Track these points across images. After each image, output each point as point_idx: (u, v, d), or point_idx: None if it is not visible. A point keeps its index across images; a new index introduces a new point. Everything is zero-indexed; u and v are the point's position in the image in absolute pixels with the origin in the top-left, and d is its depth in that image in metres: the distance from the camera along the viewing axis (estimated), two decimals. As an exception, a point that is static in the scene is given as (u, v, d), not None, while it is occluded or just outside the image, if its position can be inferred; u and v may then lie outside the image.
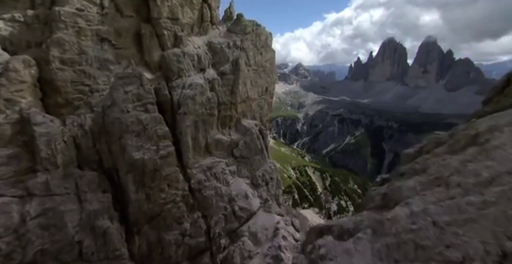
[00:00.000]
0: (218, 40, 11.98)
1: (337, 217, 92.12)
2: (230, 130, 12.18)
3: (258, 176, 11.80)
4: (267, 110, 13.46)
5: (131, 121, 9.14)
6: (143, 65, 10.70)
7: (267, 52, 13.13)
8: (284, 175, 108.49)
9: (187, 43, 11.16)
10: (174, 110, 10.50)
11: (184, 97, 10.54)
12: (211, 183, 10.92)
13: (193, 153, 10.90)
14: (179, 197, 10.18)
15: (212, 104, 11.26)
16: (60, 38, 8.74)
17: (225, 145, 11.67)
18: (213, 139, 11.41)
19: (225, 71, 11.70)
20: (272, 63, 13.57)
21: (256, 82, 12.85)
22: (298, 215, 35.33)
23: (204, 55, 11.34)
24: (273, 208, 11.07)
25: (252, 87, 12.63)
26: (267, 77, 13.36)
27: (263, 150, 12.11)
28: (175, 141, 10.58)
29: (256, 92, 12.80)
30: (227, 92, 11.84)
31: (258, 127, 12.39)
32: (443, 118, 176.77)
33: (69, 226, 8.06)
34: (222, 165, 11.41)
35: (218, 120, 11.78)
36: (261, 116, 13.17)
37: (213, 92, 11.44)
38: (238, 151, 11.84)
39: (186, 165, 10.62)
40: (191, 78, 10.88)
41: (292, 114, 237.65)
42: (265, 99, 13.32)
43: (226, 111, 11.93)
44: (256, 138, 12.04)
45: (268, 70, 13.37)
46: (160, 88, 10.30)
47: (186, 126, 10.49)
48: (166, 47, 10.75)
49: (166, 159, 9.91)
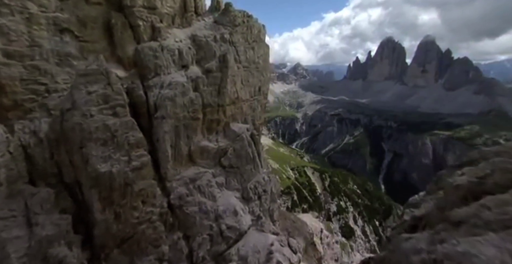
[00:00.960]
0: (203, 32, 10.49)
1: (336, 218, 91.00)
2: (217, 136, 10.69)
3: (250, 188, 10.32)
4: (261, 112, 11.99)
5: (95, 127, 7.63)
6: (115, 61, 9.22)
7: (259, 47, 11.65)
8: (283, 175, 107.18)
9: (167, 36, 9.69)
10: (151, 114, 9.02)
11: (162, 98, 9.04)
12: (195, 198, 9.42)
13: (173, 163, 9.40)
14: (155, 215, 8.69)
15: (195, 106, 9.76)
16: (3, 26, 7.21)
17: (211, 153, 10.17)
18: (197, 147, 9.91)
19: (211, 68, 10.21)
20: (266, 60, 12.10)
21: (247, 81, 11.37)
22: (297, 220, 33.84)
23: (186, 50, 9.86)
24: (267, 226, 9.62)
25: (242, 86, 11.15)
26: (260, 75, 11.89)
27: (256, 158, 10.62)
28: (151, 150, 9.10)
29: (247, 92, 11.32)
30: (213, 93, 10.35)
31: (250, 132, 10.90)
32: (442, 118, 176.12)
33: (13, 257, 6.54)
34: (207, 176, 9.92)
35: (203, 124, 10.29)
36: (253, 119, 11.69)
37: (197, 92, 9.94)
38: (226, 160, 10.34)
39: (165, 177, 9.13)
40: (171, 76, 9.39)
41: (290, 114, 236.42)
42: (258, 100, 11.84)
43: (213, 114, 10.44)
44: (248, 145, 10.55)
45: (261, 68, 11.90)
46: (133, 87, 8.81)
47: (165, 132, 8.99)
48: (142, 40, 9.27)
49: (140, 171, 8.41)
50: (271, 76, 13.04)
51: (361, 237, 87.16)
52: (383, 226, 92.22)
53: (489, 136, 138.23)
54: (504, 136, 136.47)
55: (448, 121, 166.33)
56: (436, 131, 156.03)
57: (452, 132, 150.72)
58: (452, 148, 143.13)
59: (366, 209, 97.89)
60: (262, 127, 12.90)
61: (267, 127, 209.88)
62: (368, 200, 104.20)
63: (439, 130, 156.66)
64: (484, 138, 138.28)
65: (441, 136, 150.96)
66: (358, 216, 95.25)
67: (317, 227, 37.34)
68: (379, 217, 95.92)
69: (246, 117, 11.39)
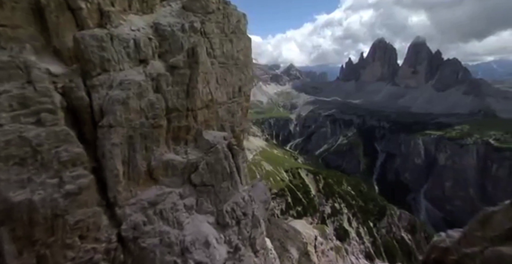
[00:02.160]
0: (168, 20, 8.56)
1: (331, 220, 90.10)
2: (186, 147, 8.72)
3: (226, 211, 8.40)
4: (242, 117, 10.10)
5: (5, 141, 5.60)
6: (51, 54, 7.22)
7: (239, 40, 9.79)
8: (277, 177, 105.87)
9: (120, 23, 7.75)
10: (96, 121, 7.05)
11: (110, 101, 7.05)
12: (155, 227, 7.44)
13: (126, 183, 7.40)
14: (100, 253, 6.67)
15: (156, 110, 7.79)
16: None
17: (178, 168, 8.21)
18: (160, 161, 7.93)
19: (178, 64, 8.26)
20: (247, 55, 10.24)
21: (224, 79, 9.47)
22: (290, 229, 32.00)
23: (145, 41, 7.91)
24: (247, 259, 7.75)
25: (218, 86, 9.25)
26: (240, 73, 10.01)
27: (234, 173, 8.71)
28: (97, 167, 7.10)
29: (224, 94, 9.43)
30: (180, 94, 8.40)
31: (227, 141, 8.98)
32: (433, 118, 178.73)
33: None
34: (173, 197, 7.96)
35: (168, 133, 8.32)
36: (232, 125, 9.78)
37: (159, 93, 7.96)
38: (198, 177, 8.39)
39: (115, 202, 7.12)
40: (124, 74, 7.42)
41: (284, 115, 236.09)
42: (238, 103, 9.96)
43: (180, 121, 8.48)
44: (224, 157, 8.63)
45: (241, 64, 10.02)
46: (72, 88, 6.82)
47: (113, 144, 7.00)
48: (87, 27, 7.30)
49: (77, 197, 6.39)
50: (253, 74, 11.18)
51: (356, 239, 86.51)
52: (377, 227, 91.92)
53: (479, 136, 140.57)
54: (493, 135, 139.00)
55: (439, 121, 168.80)
56: (427, 131, 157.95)
57: (443, 132, 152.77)
58: (443, 148, 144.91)
59: (360, 211, 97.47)
60: (244, 135, 11.00)
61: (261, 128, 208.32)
62: (362, 201, 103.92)
63: (430, 130, 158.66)
64: (475, 137, 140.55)
65: (433, 136, 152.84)
66: (352, 217, 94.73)
67: (311, 234, 35.68)
68: (373, 218, 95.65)
69: (223, 123, 9.47)
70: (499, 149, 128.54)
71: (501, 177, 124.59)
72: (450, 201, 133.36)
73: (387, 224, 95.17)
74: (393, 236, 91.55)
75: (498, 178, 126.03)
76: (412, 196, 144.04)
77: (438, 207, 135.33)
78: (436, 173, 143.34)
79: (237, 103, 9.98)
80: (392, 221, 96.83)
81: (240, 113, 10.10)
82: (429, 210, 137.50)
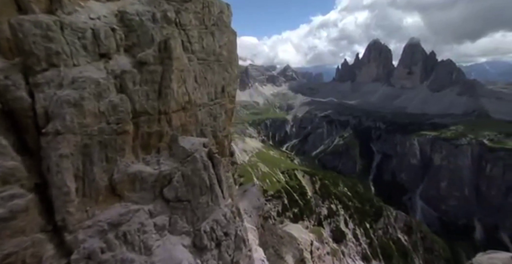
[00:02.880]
0: (136, 8, 7.30)
1: (327, 221, 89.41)
2: (159, 156, 7.47)
3: (205, 231, 7.16)
4: (226, 121, 8.89)
5: None
6: (-13, 45, 5.97)
7: (222, 33, 8.58)
8: (273, 179, 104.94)
9: (76, 10, 6.50)
10: (41, 127, 5.78)
11: (58, 102, 5.78)
12: (116, 254, 6.17)
13: (81, 201, 6.11)
14: (42, 291, 5.38)
15: (120, 114, 6.52)
16: None
17: (148, 181, 6.94)
18: (124, 174, 6.65)
19: (147, 60, 7.01)
20: (232, 51, 9.03)
21: (204, 78, 8.26)
22: (285, 235, 30.71)
23: (107, 32, 6.66)
24: (228, 289, 6.56)
25: (197, 86, 8.03)
26: (224, 71, 8.81)
27: (215, 186, 7.49)
28: (42, 184, 5.82)
29: (205, 94, 8.22)
30: (151, 94, 7.15)
31: (208, 149, 7.75)
32: (428, 118, 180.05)
33: None
34: (141, 216, 6.70)
35: (136, 140, 7.05)
36: (214, 130, 8.57)
37: (124, 93, 6.71)
38: (171, 191, 7.14)
39: (63, 226, 5.85)
40: (78, 70, 6.16)
41: (281, 116, 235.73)
42: (222, 104, 8.75)
43: (151, 125, 7.23)
44: (203, 168, 7.39)
45: (225, 61, 8.82)
46: (8, 85, 5.55)
47: (61, 155, 5.72)
48: (31, 12, 6.04)
49: (9, 223, 5.11)
50: (239, 72, 10.00)
51: (352, 241, 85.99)
52: (373, 229, 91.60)
53: (473, 136, 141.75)
54: (487, 136, 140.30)
55: (434, 122, 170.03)
56: (423, 132, 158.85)
57: (438, 132, 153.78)
58: (439, 149, 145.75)
59: (357, 212, 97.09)
60: (229, 141, 9.78)
61: (257, 129, 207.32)
62: (359, 202, 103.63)
63: (426, 130, 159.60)
64: (469, 138, 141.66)
65: (428, 137, 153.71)
66: (349, 219, 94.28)
67: (307, 239, 34.55)
68: (370, 219, 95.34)
69: (203, 128, 8.24)
70: (493, 149, 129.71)
71: (495, 177, 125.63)
72: (445, 201, 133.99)
73: (383, 225, 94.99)
74: (389, 237, 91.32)
75: (492, 178, 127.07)
76: (408, 196, 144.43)
77: (434, 207, 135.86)
78: (431, 173, 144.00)
79: (220, 105, 8.76)
80: (388, 222, 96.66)
81: (224, 116, 8.88)
82: (424, 210, 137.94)
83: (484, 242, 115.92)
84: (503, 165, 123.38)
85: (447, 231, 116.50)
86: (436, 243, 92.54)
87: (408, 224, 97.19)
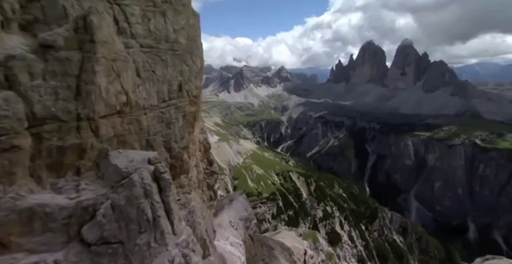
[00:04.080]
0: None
1: (322, 223, 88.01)
2: (78, 180, 5.30)
3: (142, 288, 5.04)
4: (185, 128, 6.81)
5: None
6: None
7: (178, 14, 6.49)
8: (268, 181, 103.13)
9: None
10: None
11: None
12: None
13: None
14: None
15: (4, 121, 4.37)
16: None
17: (57, 218, 4.76)
18: (13, 210, 4.47)
19: (55, 43, 4.90)
20: (193, 38, 6.95)
21: (152, 72, 6.16)
22: (276, 246, 28.60)
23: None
24: None
25: (142, 82, 5.94)
26: (181, 63, 6.72)
27: (160, 220, 5.35)
28: None
29: (153, 93, 6.12)
30: (62, 92, 5.01)
31: (154, 167, 5.61)
32: (422, 119, 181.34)
33: None
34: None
35: (38, 159, 4.91)
36: (168, 140, 6.46)
37: (13, 91, 4.55)
38: (94, 230, 4.95)
39: None
40: None
41: (275, 117, 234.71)
42: (178, 107, 6.66)
43: (65, 137, 5.09)
44: (143, 195, 5.24)
45: (183, 50, 6.75)
46: None
47: None
48: None
49: None
50: (203, 65, 7.91)
51: (348, 243, 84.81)
52: (369, 230, 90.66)
53: (466, 136, 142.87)
54: (479, 136, 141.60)
55: (428, 122, 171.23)
56: (417, 132, 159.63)
57: (431, 133, 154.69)
58: (432, 149, 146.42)
59: (352, 214, 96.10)
60: (192, 153, 7.64)
61: (252, 131, 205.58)
62: (354, 204, 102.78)
63: (419, 131, 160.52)
64: (462, 138, 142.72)
65: (422, 137, 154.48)
66: (344, 221, 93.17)
67: (300, 248, 32.55)
68: (365, 221, 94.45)
69: (150, 138, 6.14)
70: (485, 149, 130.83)
71: (488, 177, 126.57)
72: (439, 201, 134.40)
73: (379, 227, 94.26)
74: (385, 239, 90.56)
75: (485, 178, 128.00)
76: (403, 197, 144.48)
77: (428, 207, 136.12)
78: (425, 173, 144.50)
79: (175, 108, 6.64)
80: (384, 224, 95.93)
81: (182, 121, 6.76)
82: (419, 211, 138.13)
83: (478, 241, 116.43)
84: (496, 165, 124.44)
85: (442, 231, 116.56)
86: (431, 244, 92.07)
87: (404, 225, 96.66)
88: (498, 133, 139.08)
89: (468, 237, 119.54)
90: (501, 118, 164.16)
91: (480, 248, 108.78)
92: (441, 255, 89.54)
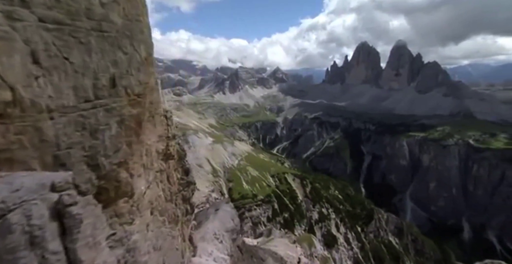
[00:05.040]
0: None
1: (318, 226, 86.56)
2: None
3: None
4: (121, 137, 4.96)
5: None
6: None
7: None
8: (263, 183, 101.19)
9: None
10: None
11: None
12: None
13: None
14: None
15: None
16: None
17: None
18: None
19: None
20: (136, 17, 5.15)
21: (65, 59, 4.32)
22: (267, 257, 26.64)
23: None
24: None
25: (44, 72, 4.08)
26: (115, 50, 4.88)
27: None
28: None
29: (67, 90, 4.30)
30: None
31: (58, 196, 3.57)
32: (416, 119, 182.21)
33: None
34: None
35: None
36: (93, 155, 4.62)
37: None
38: None
39: None
40: None
41: (271, 118, 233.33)
42: (110, 109, 4.83)
43: None
44: (27, 244, 3.20)
45: (117, 32, 4.93)
46: None
47: None
48: None
49: None
50: (152, 53, 6.04)
51: (344, 245, 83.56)
52: (365, 232, 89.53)
53: (459, 137, 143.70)
54: (472, 136, 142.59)
55: (422, 123, 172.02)
56: (411, 133, 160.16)
57: (426, 133, 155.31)
58: (427, 150, 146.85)
59: (348, 215, 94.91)
60: (146, 167, 5.75)
61: (247, 132, 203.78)
62: (350, 206, 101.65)
63: (414, 131, 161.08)
64: (456, 138, 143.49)
65: (416, 138, 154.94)
66: (340, 223, 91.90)
67: (294, 256, 30.73)
68: (361, 223, 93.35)
69: (61, 153, 4.28)
70: (478, 149, 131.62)
71: (482, 177, 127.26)
72: (434, 201, 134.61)
73: (375, 229, 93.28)
74: (381, 241, 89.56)
75: (478, 178, 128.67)
76: (398, 198, 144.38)
77: (423, 208, 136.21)
78: (420, 174, 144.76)
79: (105, 110, 4.72)
80: (379, 225, 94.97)
81: (116, 129, 4.85)
82: (414, 211, 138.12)
83: (473, 241, 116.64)
84: (489, 165, 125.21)
85: (437, 231, 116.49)
86: (426, 245, 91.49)
87: (399, 227, 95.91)
88: (490, 133, 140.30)
89: (463, 237, 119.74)
90: (493, 118, 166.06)
91: (475, 248, 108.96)
92: (436, 256, 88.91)
